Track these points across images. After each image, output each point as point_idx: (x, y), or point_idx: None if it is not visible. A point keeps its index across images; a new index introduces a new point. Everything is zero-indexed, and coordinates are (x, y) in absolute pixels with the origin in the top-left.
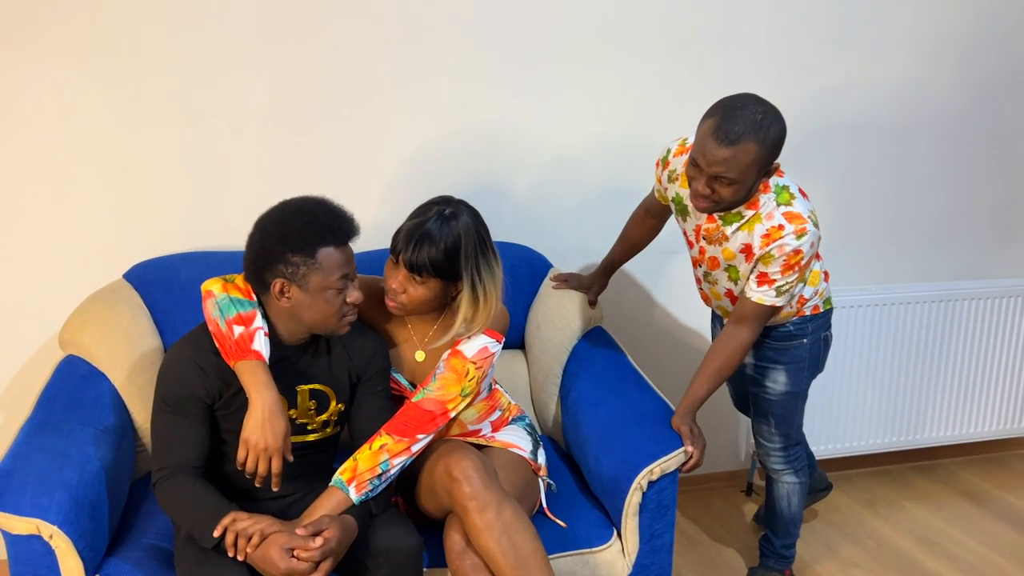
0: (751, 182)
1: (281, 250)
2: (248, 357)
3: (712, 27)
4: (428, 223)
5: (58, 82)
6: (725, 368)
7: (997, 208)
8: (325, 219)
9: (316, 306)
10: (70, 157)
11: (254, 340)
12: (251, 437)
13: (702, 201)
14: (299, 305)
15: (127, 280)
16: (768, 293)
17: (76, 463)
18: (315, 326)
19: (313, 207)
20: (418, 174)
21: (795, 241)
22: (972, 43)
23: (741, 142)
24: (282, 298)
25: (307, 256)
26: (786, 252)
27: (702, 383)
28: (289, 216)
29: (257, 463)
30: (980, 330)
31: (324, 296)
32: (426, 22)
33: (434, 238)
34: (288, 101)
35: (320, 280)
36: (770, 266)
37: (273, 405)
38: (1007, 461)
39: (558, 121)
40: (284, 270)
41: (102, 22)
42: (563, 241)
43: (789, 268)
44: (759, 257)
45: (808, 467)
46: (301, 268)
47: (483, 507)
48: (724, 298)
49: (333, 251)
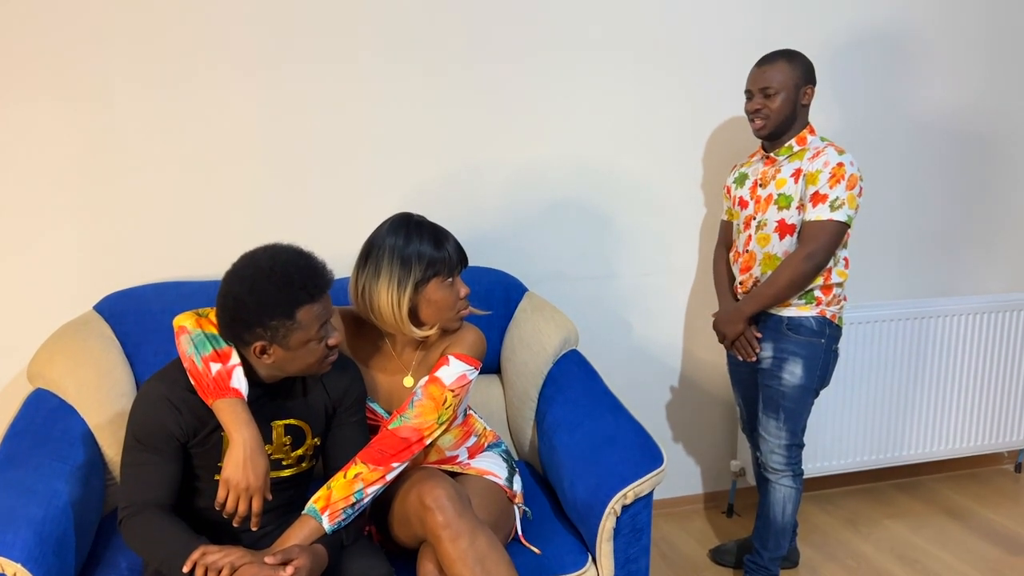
0: (792, 95)
1: (258, 316)
2: (227, 395)
3: (692, 51)
4: (445, 231)
5: (31, 113)
6: (789, 283)
7: (972, 226)
8: (300, 279)
9: (298, 359)
10: (41, 187)
11: (232, 377)
12: (232, 477)
13: (758, 118)
14: (281, 360)
15: (97, 311)
16: (823, 210)
17: (42, 499)
18: (298, 373)
19: (284, 265)
20: (397, 200)
21: (837, 156)
22: (946, 61)
23: (776, 61)
24: (263, 356)
25: (286, 319)
26: (831, 164)
27: (763, 293)
28: (262, 280)
29: (238, 503)
30: (958, 347)
31: (306, 348)
32: (401, 54)
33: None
34: (262, 133)
35: (301, 336)
36: (819, 182)
37: (254, 444)
38: (987, 477)
39: (533, 145)
40: (264, 333)
41: (75, 54)
42: (538, 265)
43: (836, 180)
44: (807, 173)
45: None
46: (280, 330)
47: (456, 536)
48: (773, 237)
49: (309, 307)
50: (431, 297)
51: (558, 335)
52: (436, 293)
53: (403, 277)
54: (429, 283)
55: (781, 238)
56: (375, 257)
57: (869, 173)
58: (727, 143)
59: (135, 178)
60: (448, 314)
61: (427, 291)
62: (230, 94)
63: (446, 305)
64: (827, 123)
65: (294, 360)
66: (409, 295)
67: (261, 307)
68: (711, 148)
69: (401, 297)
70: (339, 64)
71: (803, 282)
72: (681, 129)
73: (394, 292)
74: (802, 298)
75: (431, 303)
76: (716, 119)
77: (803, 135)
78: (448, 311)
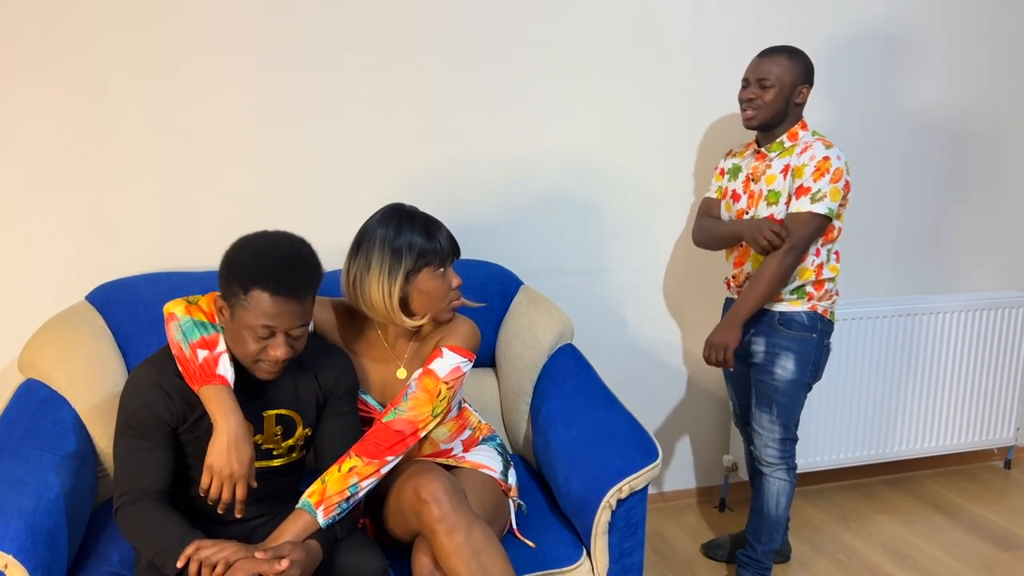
0: (786, 92)
1: (227, 273)
2: (213, 382)
3: (687, 46)
4: (437, 222)
5: (19, 104)
6: (774, 279)
7: (964, 224)
8: (271, 264)
9: (237, 339)
10: (32, 176)
11: (219, 364)
12: (216, 463)
13: (750, 108)
14: (227, 329)
15: (89, 302)
16: (804, 202)
17: (34, 490)
18: (240, 358)
19: (272, 247)
20: (391, 193)
21: (824, 149)
22: (941, 60)
23: (777, 55)
24: (220, 314)
25: (241, 290)
26: (816, 158)
27: (751, 294)
28: (250, 245)
29: (221, 490)
30: (947, 344)
31: (243, 334)
32: (396, 51)
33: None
34: (257, 124)
35: (243, 317)
36: (804, 176)
37: (239, 431)
38: (976, 473)
39: (527, 140)
40: (226, 290)
41: (70, 42)
42: (533, 259)
43: (820, 173)
44: (794, 168)
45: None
46: (232, 299)
47: (452, 529)
48: None
49: (266, 297)
50: (423, 287)
51: (553, 329)
52: (428, 283)
53: (394, 266)
54: (420, 272)
55: None
56: (366, 247)
57: (862, 171)
58: (721, 138)
59: (127, 169)
60: (440, 304)
61: (418, 281)
62: (224, 86)
63: (438, 295)
64: (822, 120)
65: (234, 338)
66: (400, 284)
67: (231, 265)
68: (705, 143)
69: (392, 287)
70: (335, 57)
71: (786, 274)
72: (675, 124)
73: (385, 281)
74: (794, 293)
75: (422, 293)
76: (711, 114)
77: (794, 131)
78: (440, 301)
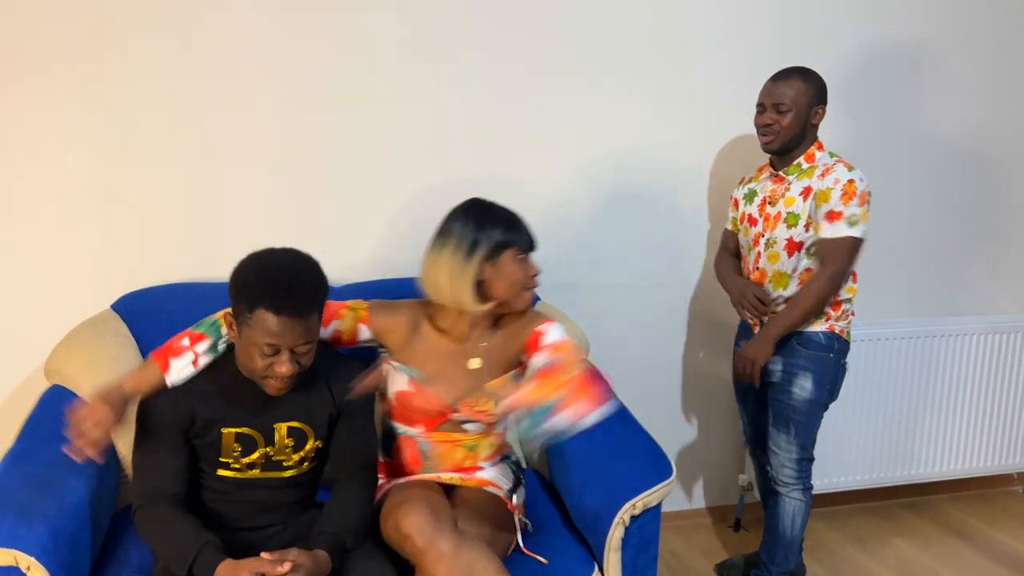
0: (803, 114)
1: (233, 291)
2: (156, 360)
3: (705, 63)
4: (514, 213)
5: (49, 114)
6: (816, 304)
7: (981, 245)
8: (274, 284)
9: (245, 354)
10: (60, 187)
11: (177, 355)
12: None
13: (768, 133)
14: (236, 345)
15: (115, 310)
16: (841, 227)
17: (57, 494)
18: (247, 374)
19: (276, 266)
20: (405, 209)
21: (847, 172)
22: (956, 80)
23: (791, 77)
24: (230, 329)
25: (247, 309)
26: (841, 182)
27: (789, 315)
28: (254, 264)
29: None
30: (966, 367)
31: (250, 350)
32: (415, 66)
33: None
34: (279, 137)
35: (249, 335)
36: (831, 200)
37: (94, 393)
38: (995, 498)
39: (545, 155)
40: (234, 308)
41: (96, 55)
42: (549, 274)
43: (848, 196)
44: (818, 192)
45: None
46: (239, 316)
47: (438, 558)
48: (782, 255)
49: (270, 317)
50: (504, 269)
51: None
52: (510, 266)
53: (477, 243)
54: (504, 252)
55: (790, 255)
56: (446, 230)
57: (878, 190)
58: (738, 156)
59: (153, 179)
60: (516, 290)
61: (501, 262)
62: (249, 97)
63: (516, 280)
64: (837, 139)
65: (242, 352)
66: (479, 262)
67: (238, 284)
68: (721, 160)
69: (467, 265)
70: (357, 75)
71: (827, 299)
72: (693, 141)
73: (461, 258)
74: None
75: (503, 276)
76: (727, 132)
77: (811, 152)
78: (517, 286)
